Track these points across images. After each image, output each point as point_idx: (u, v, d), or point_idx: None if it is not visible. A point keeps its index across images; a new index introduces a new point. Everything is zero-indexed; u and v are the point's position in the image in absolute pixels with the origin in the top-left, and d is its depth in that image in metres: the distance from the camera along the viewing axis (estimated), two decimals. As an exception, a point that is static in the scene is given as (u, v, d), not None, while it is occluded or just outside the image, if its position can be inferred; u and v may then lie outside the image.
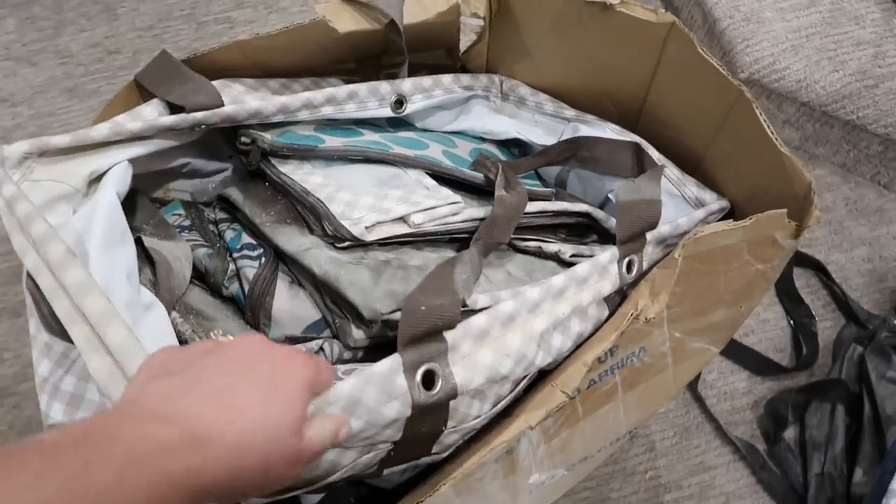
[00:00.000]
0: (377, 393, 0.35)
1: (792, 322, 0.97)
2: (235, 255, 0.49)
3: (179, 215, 0.54)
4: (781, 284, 0.99)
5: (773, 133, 0.49)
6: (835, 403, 0.88)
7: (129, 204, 0.53)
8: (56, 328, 0.39)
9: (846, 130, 1.01)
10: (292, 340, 0.47)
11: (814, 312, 0.97)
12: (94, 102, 1.07)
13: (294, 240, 0.48)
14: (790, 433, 0.90)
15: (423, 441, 0.41)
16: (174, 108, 0.51)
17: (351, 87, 0.58)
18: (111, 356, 0.33)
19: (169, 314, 0.43)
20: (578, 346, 0.49)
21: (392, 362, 0.36)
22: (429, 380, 0.38)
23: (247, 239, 0.50)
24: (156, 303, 0.41)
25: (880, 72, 0.97)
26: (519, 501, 0.55)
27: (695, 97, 0.57)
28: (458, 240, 0.53)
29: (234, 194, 0.54)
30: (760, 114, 0.50)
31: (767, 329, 0.97)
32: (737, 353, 0.95)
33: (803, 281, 1.00)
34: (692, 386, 0.93)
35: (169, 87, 0.51)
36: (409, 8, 0.60)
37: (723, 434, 0.91)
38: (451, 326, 0.39)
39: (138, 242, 0.49)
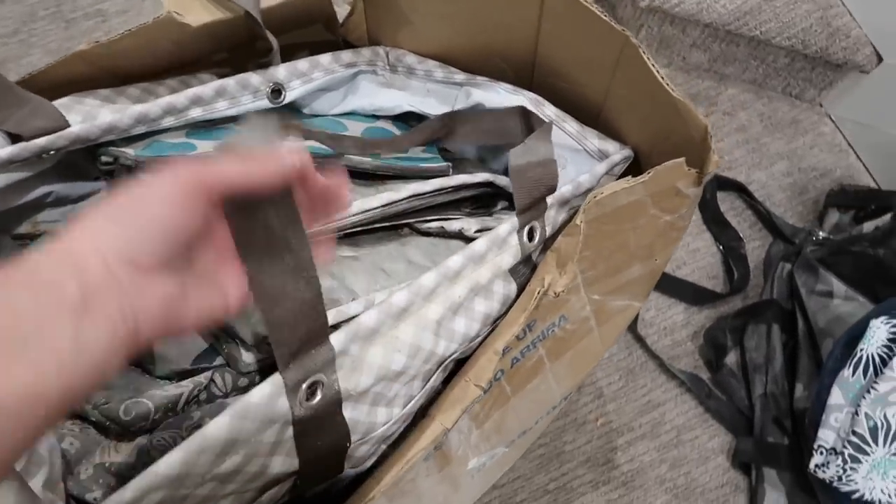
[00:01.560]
0: (256, 425, 0.32)
1: (721, 247, 0.98)
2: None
3: (46, 253, 0.49)
4: (707, 211, 0.99)
5: (663, 78, 0.47)
6: (770, 324, 0.89)
7: (-12, 248, 0.48)
8: None
9: (752, 47, 1.00)
10: (182, 374, 0.43)
11: (741, 234, 0.97)
12: (-34, 123, 0.99)
13: None
14: (731, 358, 0.91)
15: (328, 461, 0.38)
16: (13, 138, 0.46)
17: (218, 83, 0.53)
18: None
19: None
20: (493, 329, 0.47)
21: (272, 387, 0.33)
22: (312, 391, 0.35)
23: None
24: None
25: (778, -17, 0.95)
26: (461, 489, 0.54)
27: (583, 47, 0.54)
28: (353, 234, 0.50)
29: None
30: (648, 59, 0.47)
31: (698, 258, 0.97)
32: (671, 286, 0.95)
33: (727, 204, 1.00)
34: (632, 327, 0.93)
35: (5, 113, 0.46)
36: (269, -13, 0.55)
37: (667, 370, 0.91)
38: (324, 332, 0.36)
39: None
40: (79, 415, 0.39)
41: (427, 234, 0.53)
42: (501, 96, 0.59)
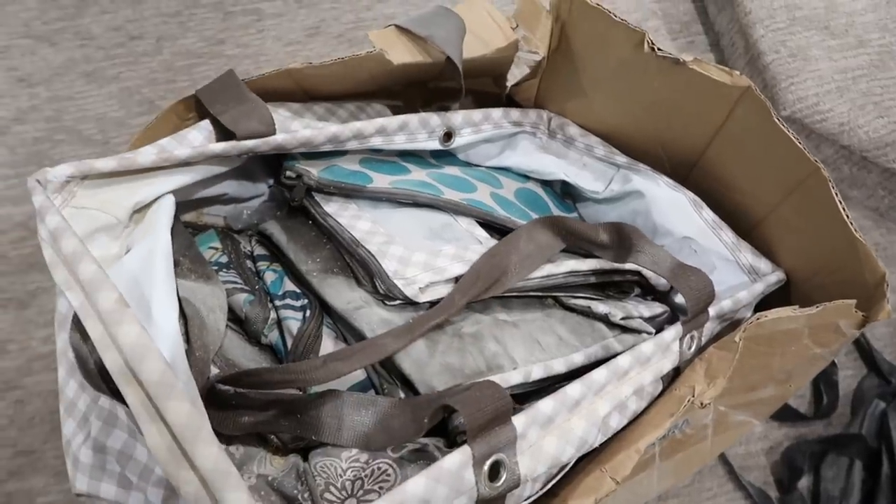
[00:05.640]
0: (447, 491, 0.33)
1: (813, 369, 0.96)
2: (277, 302, 0.47)
3: (216, 249, 0.52)
4: (804, 328, 0.98)
5: (847, 217, 0.47)
6: (853, 458, 0.87)
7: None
8: (100, 383, 0.36)
9: (884, 177, 0.99)
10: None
11: (836, 361, 0.96)
12: (114, 89, 1.04)
13: (342, 294, 0.45)
14: (804, 483, 0.89)
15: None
16: (222, 131, 0.48)
17: (402, 118, 0.56)
18: (170, 432, 0.30)
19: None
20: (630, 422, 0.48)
21: (462, 456, 0.34)
22: (494, 471, 0.36)
23: (289, 285, 0.48)
24: None
25: (925, 121, 0.94)
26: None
27: (760, 162, 0.54)
28: (508, 297, 0.51)
29: (277, 233, 0.51)
30: (836, 194, 0.48)
31: (788, 374, 0.96)
32: (755, 396, 0.94)
33: (827, 326, 0.99)
34: (708, 428, 0.91)
35: (224, 105, 0.48)
36: (469, 43, 0.57)
37: (736, 478, 0.89)
38: (509, 411, 0.37)
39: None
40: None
41: (571, 309, 0.53)
42: (661, 189, 0.59)
